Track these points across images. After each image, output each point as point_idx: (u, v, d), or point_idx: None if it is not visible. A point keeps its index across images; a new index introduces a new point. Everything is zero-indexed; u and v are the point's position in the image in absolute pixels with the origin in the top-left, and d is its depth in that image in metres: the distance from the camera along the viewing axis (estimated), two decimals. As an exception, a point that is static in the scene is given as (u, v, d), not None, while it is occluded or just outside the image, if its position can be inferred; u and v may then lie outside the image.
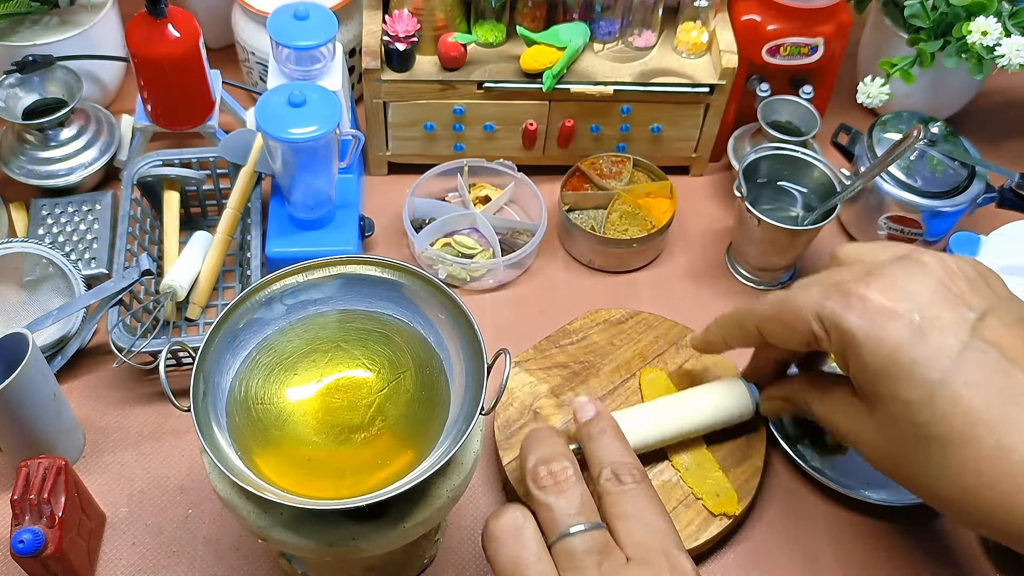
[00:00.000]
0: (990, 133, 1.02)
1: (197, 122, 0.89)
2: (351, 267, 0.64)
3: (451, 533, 0.73)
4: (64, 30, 0.91)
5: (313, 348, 0.63)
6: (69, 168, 0.89)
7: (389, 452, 0.59)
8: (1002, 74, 0.88)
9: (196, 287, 0.81)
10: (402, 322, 0.64)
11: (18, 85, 0.89)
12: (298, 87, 0.76)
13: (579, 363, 0.78)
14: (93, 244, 0.86)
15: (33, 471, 0.64)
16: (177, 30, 0.82)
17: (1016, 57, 0.83)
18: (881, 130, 0.89)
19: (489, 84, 0.87)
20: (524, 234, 0.90)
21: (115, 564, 0.71)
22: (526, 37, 0.87)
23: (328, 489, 0.57)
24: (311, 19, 0.81)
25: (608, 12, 0.88)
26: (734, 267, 0.91)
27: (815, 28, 0.88)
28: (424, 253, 0.87)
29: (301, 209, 0.82)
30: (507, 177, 0.92)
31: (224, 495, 0.58)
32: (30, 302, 0.83)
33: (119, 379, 0.80)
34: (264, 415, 0.60)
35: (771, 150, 0.87)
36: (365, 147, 0.93)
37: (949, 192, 0.86)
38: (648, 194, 0.90)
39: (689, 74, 0.89)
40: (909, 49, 0.91)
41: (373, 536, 0.57)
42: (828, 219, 0.83)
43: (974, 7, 0.85)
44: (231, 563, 0.71)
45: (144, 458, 0.76)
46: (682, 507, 0.70)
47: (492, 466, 0.76)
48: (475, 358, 0.59)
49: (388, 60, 0.87)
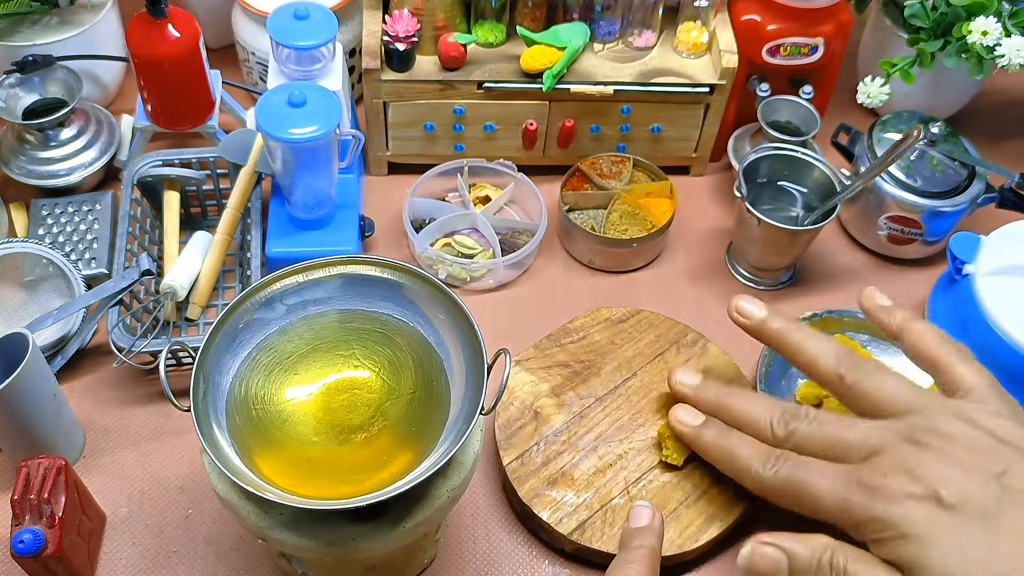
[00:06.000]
0: (990, 133, 1.02)
1: (197, 122, 0.89)
2: (351, 267, 0.64)
3: (451, 533, 0.73)
4: (64, 30, 0.91)
5: (313, 348, 0.63)
6: (69, 168, 0.89)
7: (389, 452, 0.59)
8: (1002, 74, 0.89)
9: (196, 287, 0.81)
10: (402, 322, 0.64)
11: (18, 85, 0.89)
12: (298, 87, 0.76)
13: (580, 362, 0.78)
14: (93, 244, 0.86)
15: (33, 471, 0.64)
16: (177, 30, 0.82)
17: (1016, 57, 0.83)
18: (881, 130, 0.89)
19: (489, 84, 0.87)
20: (524, 234, 0.90)
21: (115, 564, 0.71)
22: (526, 37, 0.87)
23: (328, 489, 0.57)
24: (311, 19, 0.81)
25: (608, 12, 0.88)
26: (734, 267, 0.91)
27: (815, 28, 0.88)
28: (424, 253, 0.87)
29: (301, 209, 0.82)
30: (507, 177, 0.92)
31: (224, 495, 0.58)
32: (30, 302, 0.83)
33: (119, 379, 0.80)
34: (264, 415, 0.60)
35: (771, 150, 0.87)
36: (365, 147, 0.93)
37: (949, 192, 0.86)
38: (648, 194, 0.90)
39: (689, 74, 0.89)
40: (909, 49, 0.91)
41: (373, 536, 0.57)
42: (828, 219, 0.83)
43: (974, 7, 0.85)
44: (231, 563, 0.71)
45: (144, 458, 0.76)
46: (683, 508, 0.70)
47: (492, 466, 0.76)
48: (475, 358, 0.59)
49: (388, 60, 0.87)
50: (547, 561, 0.72)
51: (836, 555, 0.56)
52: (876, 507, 0.55)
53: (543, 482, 0.71)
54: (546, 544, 0.72)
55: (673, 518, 0.69)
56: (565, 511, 0.70)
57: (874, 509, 0.55)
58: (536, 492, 0.70)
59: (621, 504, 0.70)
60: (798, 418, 0.63)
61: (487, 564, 0.72)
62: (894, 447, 0.57)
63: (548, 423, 0.74)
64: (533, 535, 0.73)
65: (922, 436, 0.57)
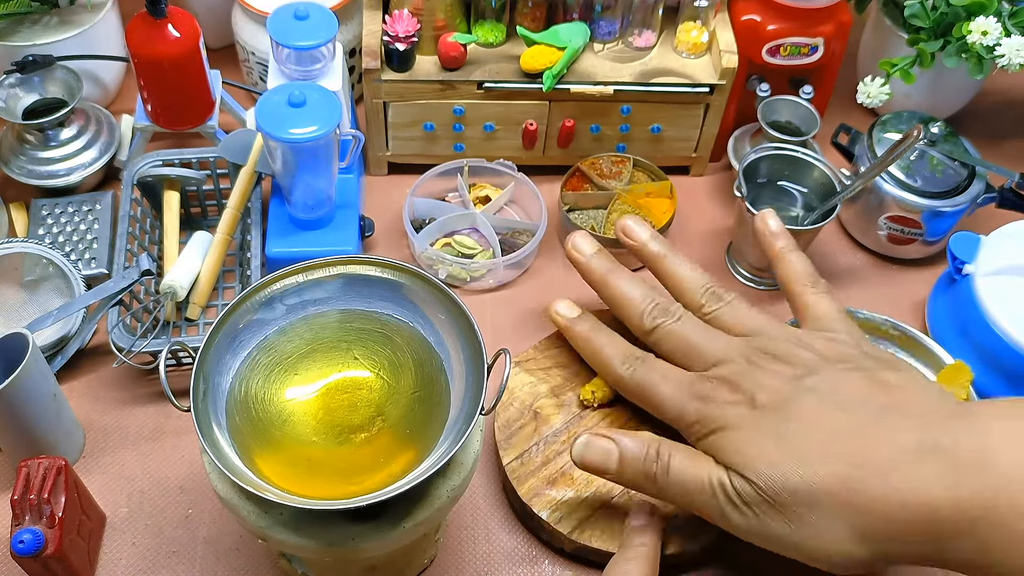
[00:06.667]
0: (990, 133, 1.02)
1: (197, 122, 0.89)
2: (351, 267, 0.64)
3: (451, 533, 0.73)
4: (64, 30, 0.91)
5: (313, 348, 0.63)
6: (69, 168, 0.89)
7: (389, 452, 0.59)
8: (1002, 74, 0.88)
9: (196, 287, 0.81)
10: (402, 322, 0.64)
11: (18, 85, 0.89)
12: (298, 87, 0.76)
13: (580, 363, 0.78)
14: (93, 244, 0.86)
15: (33, 471, 0.64)
16: (177, 30, 0.82)
17: (1016, 57, 0.83)
18: (881, 130, 0.89)
19: (489, 84, 0.87)
20: (524, 234, 0.90)
21: (115, 564, 0.71)
22: (526, 37, 0.87)
23: (328, 489, 0.57)
24: (311, 19, 0.81)
25: (608, 12, 0.88)
26: (734, 267, 0.91)
27: (815, 28, 0.88)
28: (424, 253, 0.87)
29: (301, 209, 0.82)
30: (507, 177, 0.92)
31: (224, 495, 0.58)
32: (30, 302, 0.83)
33: (119, 379, 0.80)
34: (264, 415, 0.60)
35: (771, 150, 0.87)
36: (365, 147, 0.93)
37: (949, 192, 0.86)
38: (648, 194, 0.90)
39: (689, 74, 0.89)
40: (909, 49, 0.91)
41: (373, 536, 0.57)
42: (828, 219, 0.83)
43: (974, 7, 0.85)
44: (231, 563, 0.71)
45: (144, 458, 0.76)
46: (682, 507, 0.70)
47: (492, 466, 0.76)
48: (475, 358, 0.59)
49: (388, 60, 0.87)
50: (547, 561, 0.72)
51: (661, 447, 0.63)
52: (702, 410, 0.63)
53: (543, 482, 0.71)
54: (546, 544, 0.72)
55: (673, 518, 0.69)
56: (565, 510, 0.70)
57: (700, 412, 0.63)
58: (536, 492, 0.70)
59: (621, 503, 0.70)
60: (666, 314, 0.70)
61: (487, 564, 0.72)
62: (734, 362, 0.64)
63: (548, 423, 0.74)
64: (533, 535, 0.73)
65: (757, 357, 0.64)
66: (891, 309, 0.85)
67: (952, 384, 0.76)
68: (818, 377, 0.61)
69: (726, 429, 0.61)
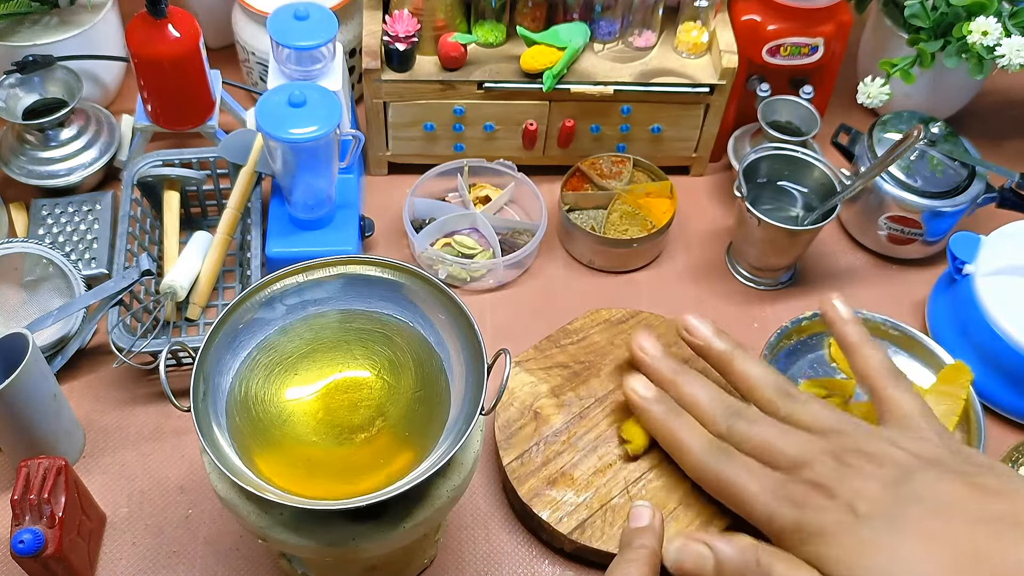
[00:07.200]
0: (990, 133, 1.02)
1: (197, 122, 0.89)
2: (351, 267, 0.64)
3: (451, 533, 0.73)
4: (64, 30, 0.91)
5: (313, 348, 0.63)
6: (69, 168, 0.89)
7: (389, 452, 0.59)
8: (1002, 74, 0.89)
9: (196, 287, 0.81)
10: (402, 322, 0.64)
11: (18, 85, 0.89)
12: (298, 87, 0.76)
13: (579, 363, 0.78)
14: (93, 244, 0.86)
15: (33, 471, 0.64)
16: (177, 30, 0.82)
17: (1016, 57, 0.83)
18: (881, 130, 0.89)
19: (489, 84, 0.87)
20: (524, 234, 0.90)
21: (115, 564, 0.71)
22: (526, 37, 0.87)
23: (328, 489, 0.57)
24: (311, 19, 0.81)
25: (608, 12, 0.88)
26: (734, 267, 0.91)
27: (815, 28, 0.88)
28: (424, 253, 0.87)
29: (301, 209, 0.82)
30: (507, 177, 0.92)
31: (224, 495, 0.58)
32: (30, 302, 0.83)
33: (119, 379, 0.80)
34: (264, 415, 0.60)
35: (771, 150, 0.87)
36: (365, 147, 0.93)
37: (949, 192, 0.86)
38: (648, 194, 0.90)
39: (689, 74, 0.89)
40: (909, 49, 0.91)
41: (373, 536, 0.57)
42: (828, 219, 0.83)
43: (974, 7, 0.85)
44: (231, 563, 0.71)
45: (144, 458, 0.76)
46: (682, 508, 0.70)
47: (492, 466, 0.76)
48: (475, 358, 0.59)
49: (388, 60, 0.87)
50: (547, 561, 0.72)
51: (761, 555, 0.59)
52: (800, 519, 0.59)
53: (543, 482, 0.71)
54: (546, 544, 0.72)
55: (673, 518, 0.69)
56: (565, 511, 0.70)
57: (797, 521, 0.59)
58: (536, 492, 0.70)
59: (621, 504, 0.70)
60: (739, 416, 0.67)
61: (487, 564, 0.72)
62: (820, 463, 0.61)
63: (548, 423, 0.74)
64: (533, 535, 0.73)
65: (847, 456, 0.61)
66: (891, 309, 0.85)
67: (952, 384, 0.76)
68: (917, 483, 0.58)
69: (826, 537, 0.58)
